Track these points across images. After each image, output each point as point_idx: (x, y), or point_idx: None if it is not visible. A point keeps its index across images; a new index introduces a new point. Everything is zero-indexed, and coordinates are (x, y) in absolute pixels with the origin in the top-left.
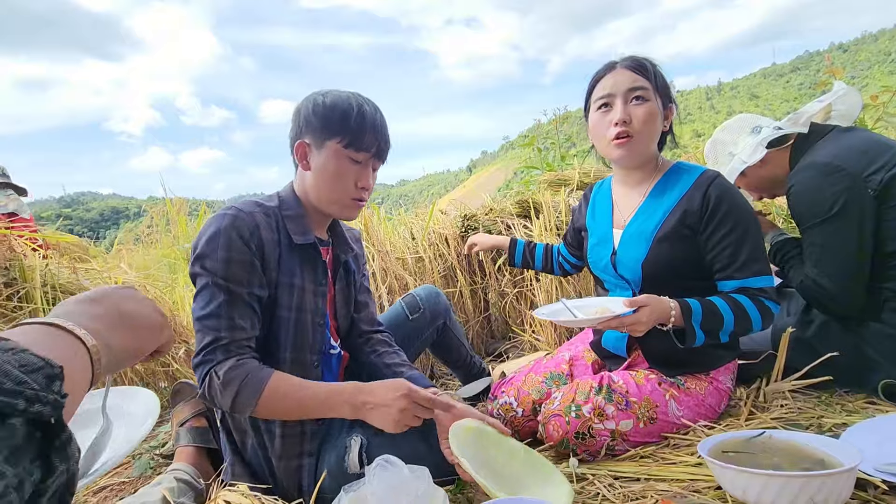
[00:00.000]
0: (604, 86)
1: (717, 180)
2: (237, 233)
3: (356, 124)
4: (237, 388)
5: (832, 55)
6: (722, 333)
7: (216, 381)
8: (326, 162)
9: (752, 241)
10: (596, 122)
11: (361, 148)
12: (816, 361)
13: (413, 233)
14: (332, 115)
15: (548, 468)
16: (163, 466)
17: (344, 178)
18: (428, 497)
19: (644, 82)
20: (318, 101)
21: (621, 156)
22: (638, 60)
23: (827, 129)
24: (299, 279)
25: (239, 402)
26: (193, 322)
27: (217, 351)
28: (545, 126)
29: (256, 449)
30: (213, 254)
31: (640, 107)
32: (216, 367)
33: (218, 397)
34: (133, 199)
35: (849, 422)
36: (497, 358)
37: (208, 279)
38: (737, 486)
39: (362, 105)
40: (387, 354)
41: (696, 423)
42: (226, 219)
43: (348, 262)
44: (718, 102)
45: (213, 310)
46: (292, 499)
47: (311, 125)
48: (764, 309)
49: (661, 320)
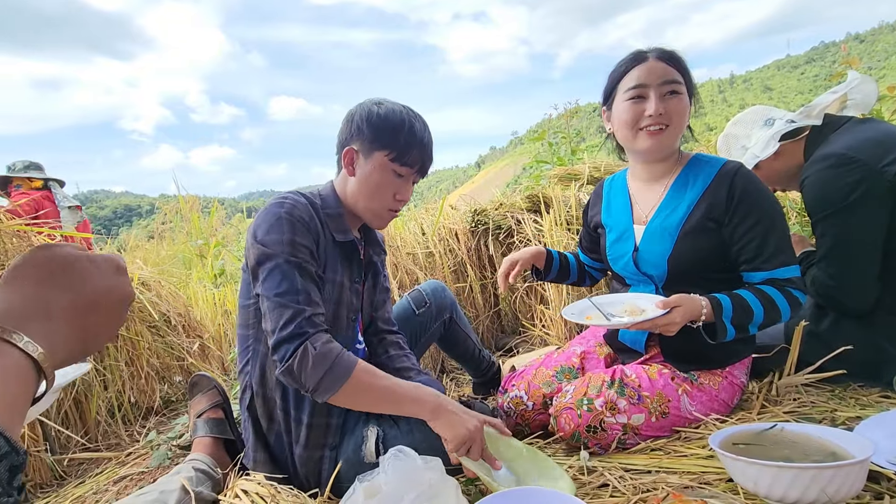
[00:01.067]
0: (637, 76)
1: (741, 171)
2: (297, 218)
3: (405, 140)
4: (329, 365)
5: (848, 46)
6: (752, 326)
7: (311, 353)
8: (372, 172)
9: (778, 232)
10: (625, 110)
11: (407, 163)
12: (830, 355)
13: (423, 228)
14: (383, 127)
15: (549, 464)
16: (180, 457)
17: (385, 190)
18: (440, 486)
19: (677, 75)
20: (372, 110)
21: (651, 146)
22: (670, 52)
23: (842, 121)
24: (339, 275)
25: (326, 380)
26: (269, 301)
27: (305, 324)
28: (555, 121)
29: (282, 436)
30: (279, 237)
31: (673, 100)
32: (311, 339)
33: (306, 372)
34: (145, 197)
35: (863, 415)
36: (507, 352)
37: (279, 259)
38: (748, 478)
39: (413, 122)
40: (398, 358)
41: (707, 417)
42: (285, 206)
43: (377, 263)
44: (731, 95)
45: (290, 286)
46: (310, 488)
47: (363, 133)
48: (792, 299)
49: (693, 318)
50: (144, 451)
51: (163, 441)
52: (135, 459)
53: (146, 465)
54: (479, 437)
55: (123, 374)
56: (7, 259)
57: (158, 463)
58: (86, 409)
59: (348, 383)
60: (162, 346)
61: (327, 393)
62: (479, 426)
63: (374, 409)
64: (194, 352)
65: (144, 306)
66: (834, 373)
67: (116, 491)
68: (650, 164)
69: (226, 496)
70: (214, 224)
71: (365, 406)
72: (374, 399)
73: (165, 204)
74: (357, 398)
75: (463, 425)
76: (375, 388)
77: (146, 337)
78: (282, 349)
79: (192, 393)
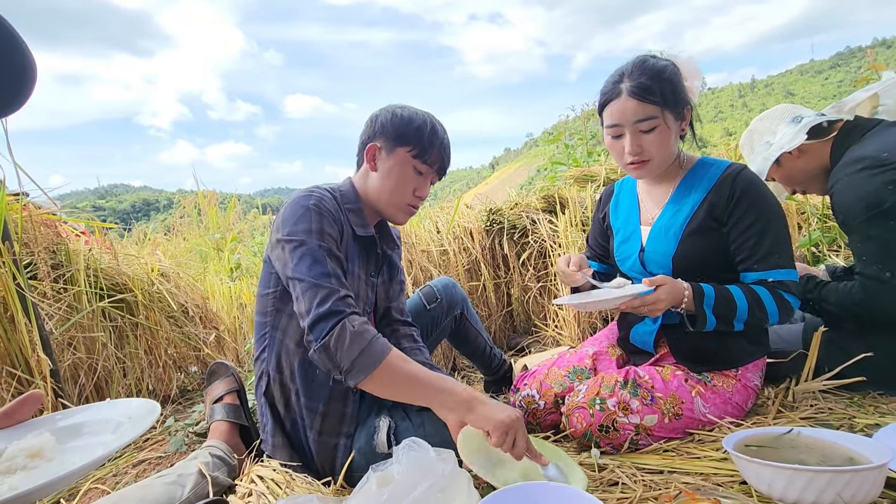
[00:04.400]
0: (611, 114)
1: (743, 172)
2: (324, 210)
3: (428, 139)
4: (366, 345)
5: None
6: (735, 321)
7: (349, 331)
8: (393, 166)
9: (774, 234)
10: (610, 145)
11: (427, 161)
12: (849, 362)
13: (438, 226)
14: (408, 125)
15: (561, 456)
16: (196, 444)
17: (405, 185)
18: (453, 478)
19: (651, 109)
20: (396, 112)
21: (638, 176)
22: (643, 85)
23: (871, 124)
24: (357, 267)
25: (361, 360)
26: (301, 283)
27: (341, 304)
28: (571, 123)
29: (297, 422)
30: (307, 226)
31: (649, 135)
32: (350, 318)
33: (343, 349)
34: (163, 192)
35: (881, 423)
36: (519, 352)
37: (311, 244)
38: (762, 480)
39: (435, 125)
40: (411, 351)
41: (721, 420)
42: (312, 199)
43: (392, 257)
44: (752, 100)
45: (323, 269)
46: (325, 475)
47: (387, 131)
48: (782, 301)
49: (676, 301)
50: (162, 437)
51: (180, 427)
52: (152, 445)
53: (164, 451)
54: (522, 429)
55: (143, 362)
56: (38, 247)
57: (176, 448)
58: (106, 394)
59: (382, 366)
60: (179, 336)
61: (362, 374)
62: (519, 416)
63: (405, 398)
64: (210, 343)
65: (164, 296)
66: (853, 380)
67: (135, 474)
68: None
69: (241, 481)
70: (231, 219)
71: (395, 393)
72: (406, 386)
73: (184, 198)
74: (390, 383)
75: (504, 412)
76: (408, 375)
77: (165, 327)
78: (318, 327)
79: (210, 380)
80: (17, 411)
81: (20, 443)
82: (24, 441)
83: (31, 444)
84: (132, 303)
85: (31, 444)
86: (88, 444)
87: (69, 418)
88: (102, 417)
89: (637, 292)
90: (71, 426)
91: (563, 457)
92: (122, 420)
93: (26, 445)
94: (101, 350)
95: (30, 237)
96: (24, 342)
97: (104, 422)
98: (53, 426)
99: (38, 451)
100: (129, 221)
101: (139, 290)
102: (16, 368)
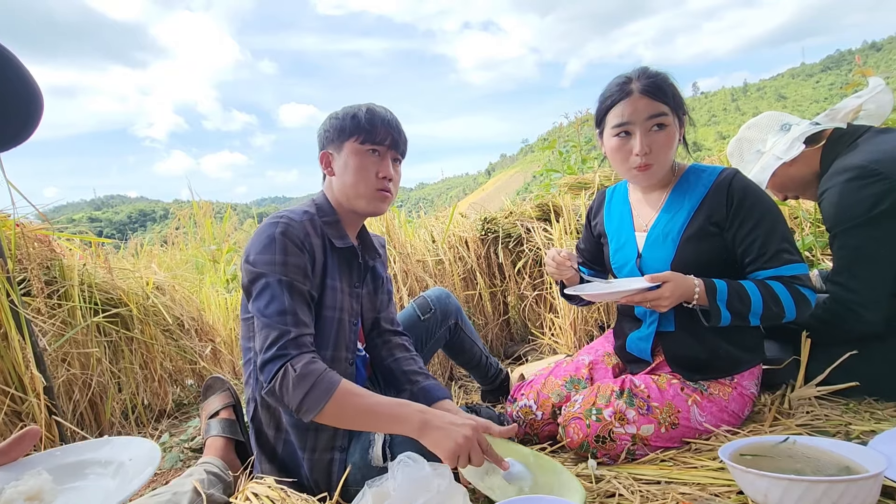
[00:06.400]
0: (621, 113)
1: (737, 176)
2: (291, 238)
3: (367, 121)
4: (310, 386)
5: (864, 54)
6: (751, 316)
7: (291, 375)
8: (347, 160)
9: (780, 232)
10: (614, 148)
11: (376, 140)
12: (834, 364)
13: (433, 235)
14: (344, 119)
15: (558, 468)
16: (192, 460)
17: (365, 171)
18: (449, 493)
19: (663, 107)
20: (332, 115)
21: (640, 180)
22: (655, 84)
23: (860, 130)
24: (339, 281)
25: (308, 401)
26: (258, 320)
27: (289, 346)
28: (566, 129)
29: (291, 443)
30: (271, 257)
31: (660, 133)
32: (293, 361)
33: (289, 393)
34: (159, 202)
35: (877, 430)
36: (516, 361)
37: (270, 278)
38: (758, 490)
39: (372, 107)
40: (404, 360)
41: (718, 429)
42: (279, 226)
43: (376, 267)
44: (744, 104)
45: (279, 306)
46: (320, 492)
47: (329, 135)
48: (798, 295)
49: (685, 297)
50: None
51: (175, 444)
52: None
53: (159, 467)
54: (475, 444)
55: (138, 376)
56: (31, 263)
57: (171, 465)
58: (101, 410)
59: (330, 403)
60: (175, 350)
61: (311, 412)
62: (470, 434)
63: (361, 428)
64: (206, 355)
65: (159, 310)
66: (847, 385)
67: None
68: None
69: (237, 499)
70: (227, 229)
71: (350, 424)
72: (359, 417)
73: (179, 209)
74: (343, 417)
75: (451, 439)
76: (359, 408)
77: (160, 340)
78: (266, 370)
79: (206, 395)
80: (13, 449)
81: (18, 485)
82: (22, 483)
83: (30, 487)
84: (127, 317)
85: (28, 486)
86: (88, 487)
87: (68, 456)
88: (103, 458)
89: (646, 286)
90: (70, 465)
91: (560, 469)
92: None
93: (24, 488)
94: (95, 365)
95: (23, 253)
96: (17, 359)
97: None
98: (52, 464)
99: (37, 494)
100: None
101: (134, 303)
102: (9, 386)
